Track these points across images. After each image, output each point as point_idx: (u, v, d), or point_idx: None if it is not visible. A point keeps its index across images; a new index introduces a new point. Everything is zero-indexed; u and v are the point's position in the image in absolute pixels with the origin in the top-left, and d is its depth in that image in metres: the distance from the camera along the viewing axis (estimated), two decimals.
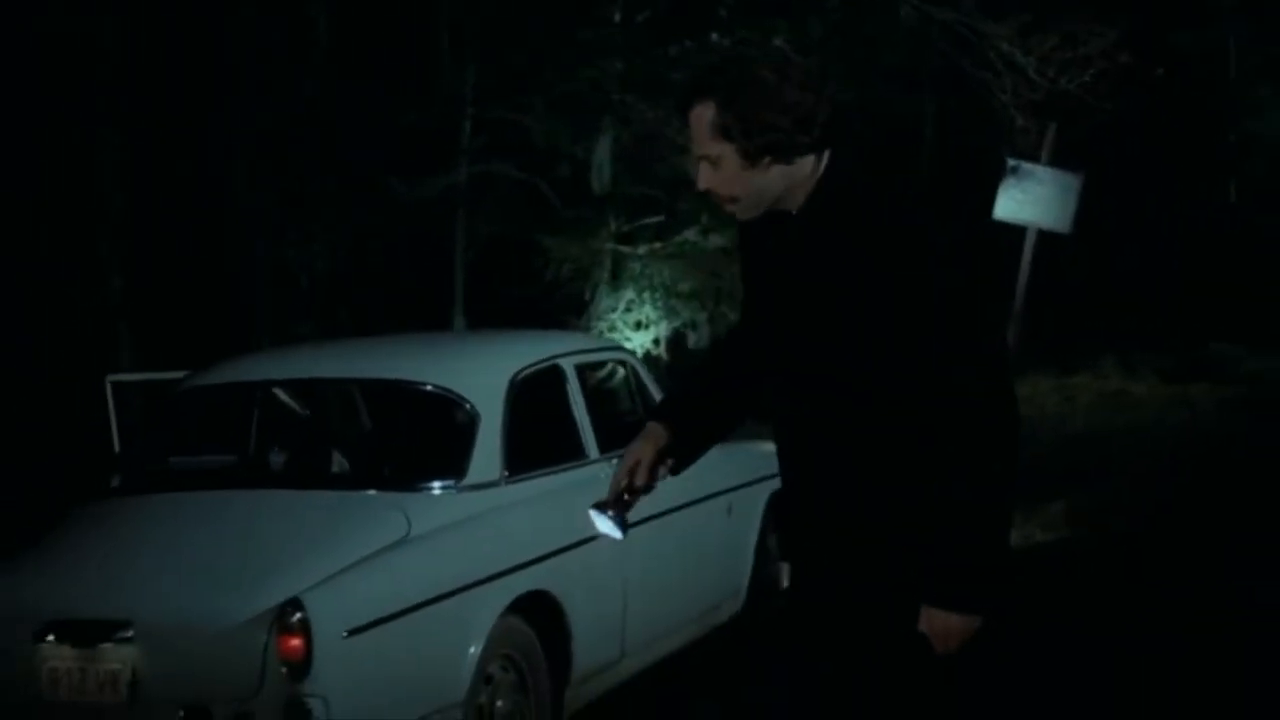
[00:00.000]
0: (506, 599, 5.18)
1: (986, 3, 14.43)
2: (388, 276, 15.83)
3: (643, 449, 3.24)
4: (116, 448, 6.94)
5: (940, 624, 2.95)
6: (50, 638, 4.72)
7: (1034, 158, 14.01)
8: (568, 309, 13.13)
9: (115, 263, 14.01)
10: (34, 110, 13.86)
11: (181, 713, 4.57)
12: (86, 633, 4.69)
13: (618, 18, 13.66)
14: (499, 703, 5.18)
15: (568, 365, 6.11)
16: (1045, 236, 14.08)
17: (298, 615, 4.48)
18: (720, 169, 3.01)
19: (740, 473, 6.92)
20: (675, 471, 3.29)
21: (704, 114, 2.98)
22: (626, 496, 3.24)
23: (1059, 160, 14.09)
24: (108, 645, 4.66)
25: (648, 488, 3.26)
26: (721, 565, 6.86)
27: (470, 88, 14.39)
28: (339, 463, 5.84)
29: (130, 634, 4.65)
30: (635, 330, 11.95)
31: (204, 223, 14.81)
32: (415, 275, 15.89)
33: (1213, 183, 20.80)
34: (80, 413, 12.85)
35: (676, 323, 12.05)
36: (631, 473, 3.22)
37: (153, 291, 14.29)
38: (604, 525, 3.28)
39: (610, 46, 13.38)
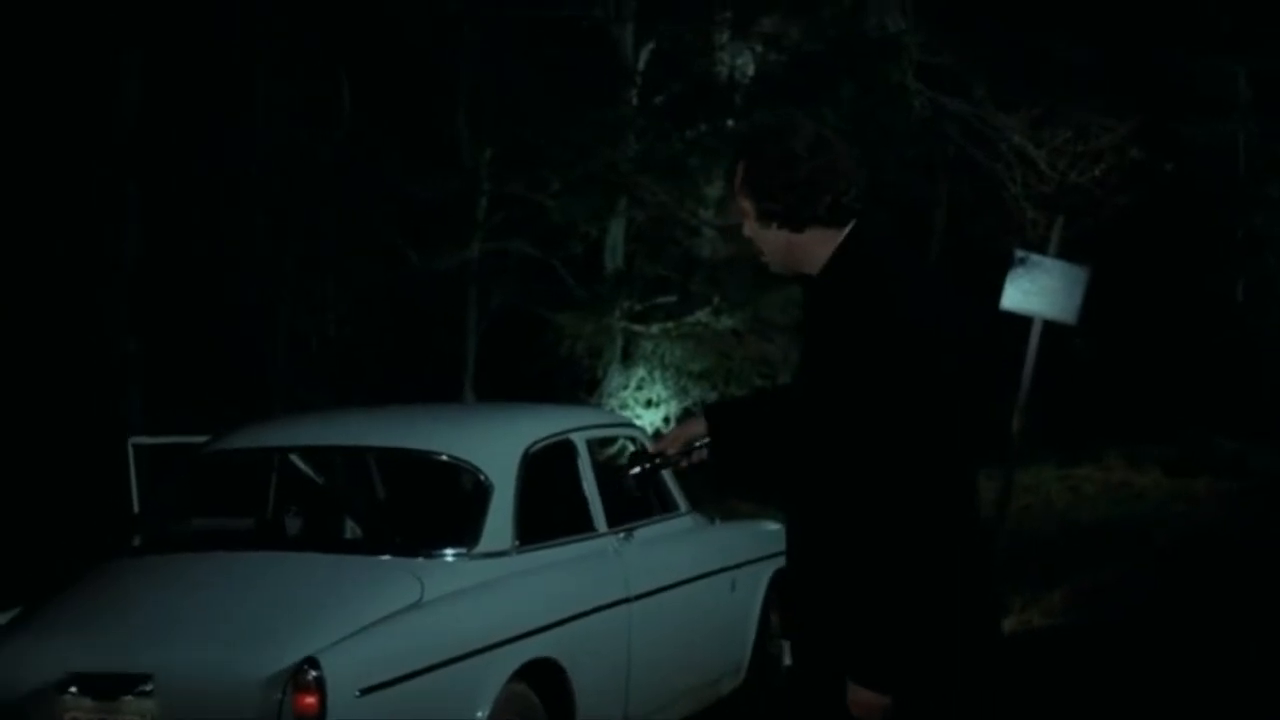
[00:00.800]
0: (514, 665, 5.31)
1: (999, 95, 14.67)
2: (400, 347, 16.01)
3: (691, 429, 3.57)
4: (136, 508, 7.10)
5: (854, 696, 3.12)
6: (72, 689, 4.86)
7: (1042, 249, 14.20)
8: (578, 385, 13.29)
9: (130, 325, 14.21)
10: (54, 169, 14.06)
11: None
12: (108, 686, 4.83)
13: (635, 100, 13.90)
14: None
15: (579, 439, 6.27)
16: (1052, 327, 14.25)
17: (313, 673, 4.62)
18: (747, 223, 3.27)
19: (744, 550, 7.07)
20: (708, 459, 3.57)
21: (738, 170, 3.24)
22: (646, 465, 3.62)
23: (1067, 252, 14.28)
24: (128, 698, 4.81)
25: (676, 460, 3.55)
26: (723, 640, 6.98)
27: (487, 164, 14.63)
28: (352, 529, 5.99)
29: (150, 688, 4.80)
30: (646, 408, 12.13)
31: (220, 288, 15.00)
32: (427, 347, 16.07)
33: (1221, 277, 20.95)
34: (93, 473, 13.03)
35: (687, 402, 12.23)
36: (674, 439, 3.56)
37: (166, 354, 14.47)
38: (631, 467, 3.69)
39: (626, 128, 13.61)
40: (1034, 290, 13.99)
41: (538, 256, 14.59)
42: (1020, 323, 14.07)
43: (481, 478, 5.62)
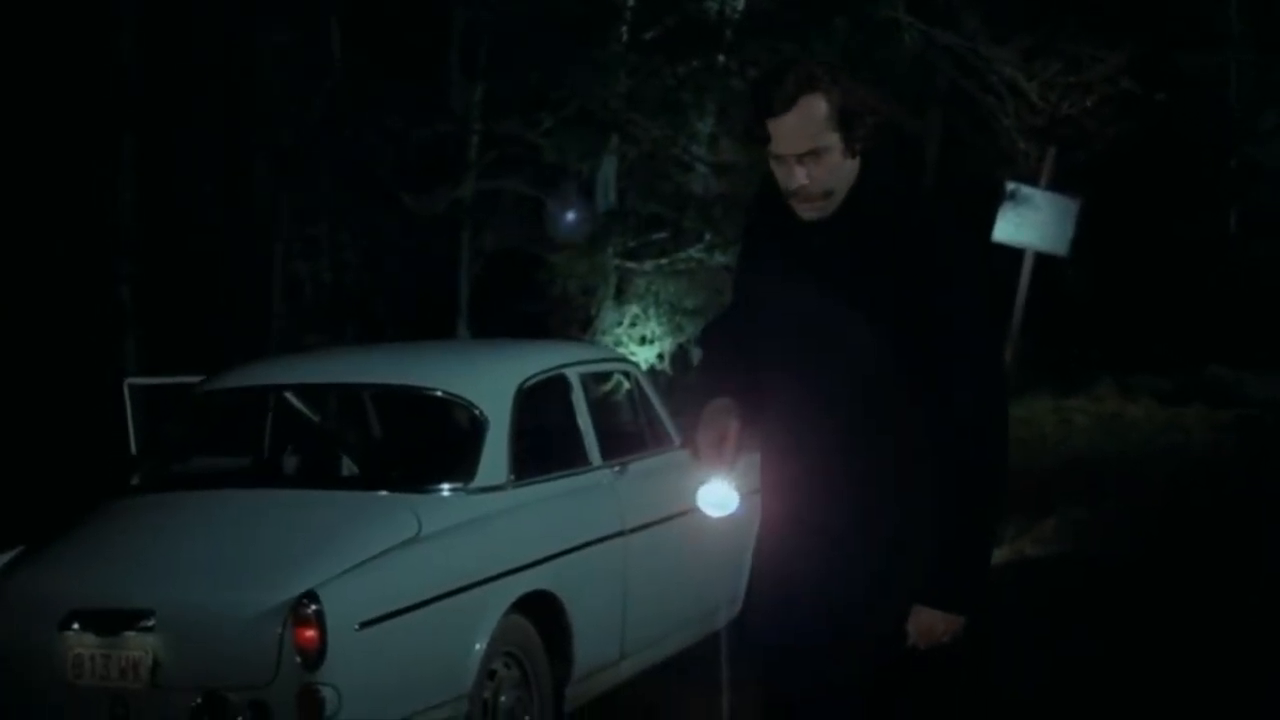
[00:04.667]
0: (511, 598, 5.38)
1: (991, 27, 14.60)
2: (393, 289, 16.02)
3: (727, 422, 3.28)
4: (133, 448, 7.15)
5: (927, 621, 3.16)
6: (75, 626, 4.93)
7: (1034, 181, 14.23)
8: (572, 323, 13.31)
9: (124, 273, 14.21)
10: (50, 120, 14.04)
11: (199, 699, 4.77)
12: (110, 621, 4.90)
13: (625, 36, 13.85)
14: (502, 698, 5.37)
15: (573, 375, 6.31)
16: (1044, 259, 14.29)
17: (313, 607, 4.69)
18: (822, 162, 3.14)
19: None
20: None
21: (815, 106, 3.10)
22: (730, 467, 3.28)
23: (1059, 184, 14.31)
24: (130, 634, 4.87)
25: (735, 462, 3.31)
26: (718, 572, 7.03)
27: (478, 104, 14.59)
28: (348, 466, 6.05)
29: (152, 623, 4.86)
30: (640, 345, 12.17)
31: (214, 232, 15.00)
32: (420, 288, 16.08)
33: (1214, 208, 20.97)
34: (91, 416, 13.09)
35: (680, 338, 12.27)
36: (722, 443, 3.27)
37: (161, 300, 14.48)
38: (716, 505, 3.32)
39: (617, 65, 13.56)
40: (1025, 223, 14.07)
41: (531, 195, 14.56)
42: (1012, 254, 14.14)
43: (476, 413, 5.66)
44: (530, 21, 13.62)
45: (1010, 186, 13.71)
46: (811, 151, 3.13)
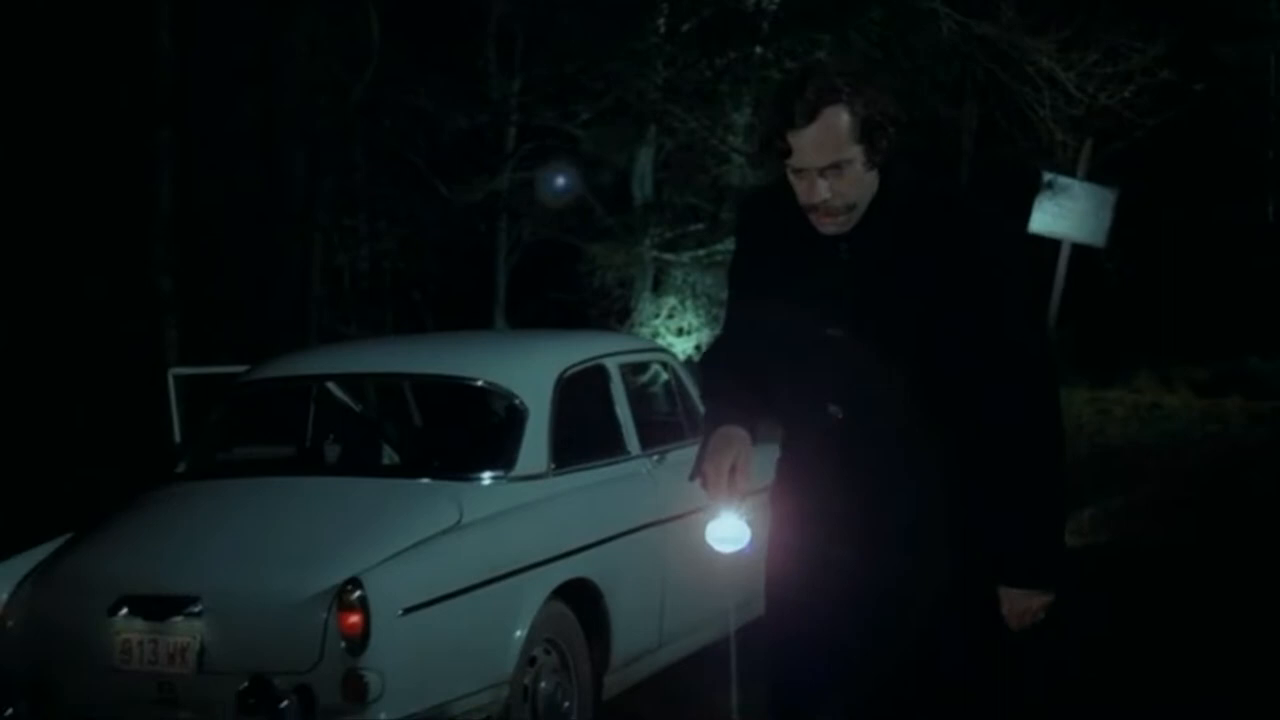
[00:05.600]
0: (551, 585, 5.43)
1: (1028, 18, 14.58)
2: (431, 278, 16.10)
3: (736, 451, 3.16)
4: (178, 436, 7.25)
5: (1021, 603, 3.16)
6: (124, 611, 5.01)
7: (1071, 172, 14.22)
8: (609, 314, 13.37)
9: (164, 260, 14.31)
10: (88, 109, 14.16)
11: (245, 683, 4.83)
12: (158, 607, 4.98)
13: (662, 28, 13.89)
14: (542, 684, 5.43)
15: (612, 365, 6.36)
16: (1081, 250, 14.29)
17: (357, 593, 4.76)
18: (845, 174, 3.06)
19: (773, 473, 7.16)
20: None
21: (838, 118, 3.02)
22: (741, 500, 3.16)
23: (1096, 175, 14.29)
24: (178, 619, 4.95)
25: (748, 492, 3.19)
26: (756, 560, 7.08)
27: (516, 95, 14.65)
28: (389, 454, 6.12)
29: (199, 609, 4.94)
30: (677, 336, 12.21)
31: (252, 220, 15.09)
32: (458, 278, 16.16)
33: (1252, 198, 20.90)
34: (130, 403, 13.23)
35: (717, 329, 12.32)
36: (731, 477, 3.15)
37: (200, 289, 14.59)
38: (728, 541, 3.20)
39: (655, 56, 13.60)
40: (1062, 213, 14.09)
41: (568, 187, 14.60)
42: (1049, 245, 14.13)
43: (517, 402, 5.72)
44: (567, 12, 13.68)
45: (1047, 177, 13.73)
46: (834, 165, 3.05)
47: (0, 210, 13.58)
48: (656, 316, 12.27)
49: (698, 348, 12.01)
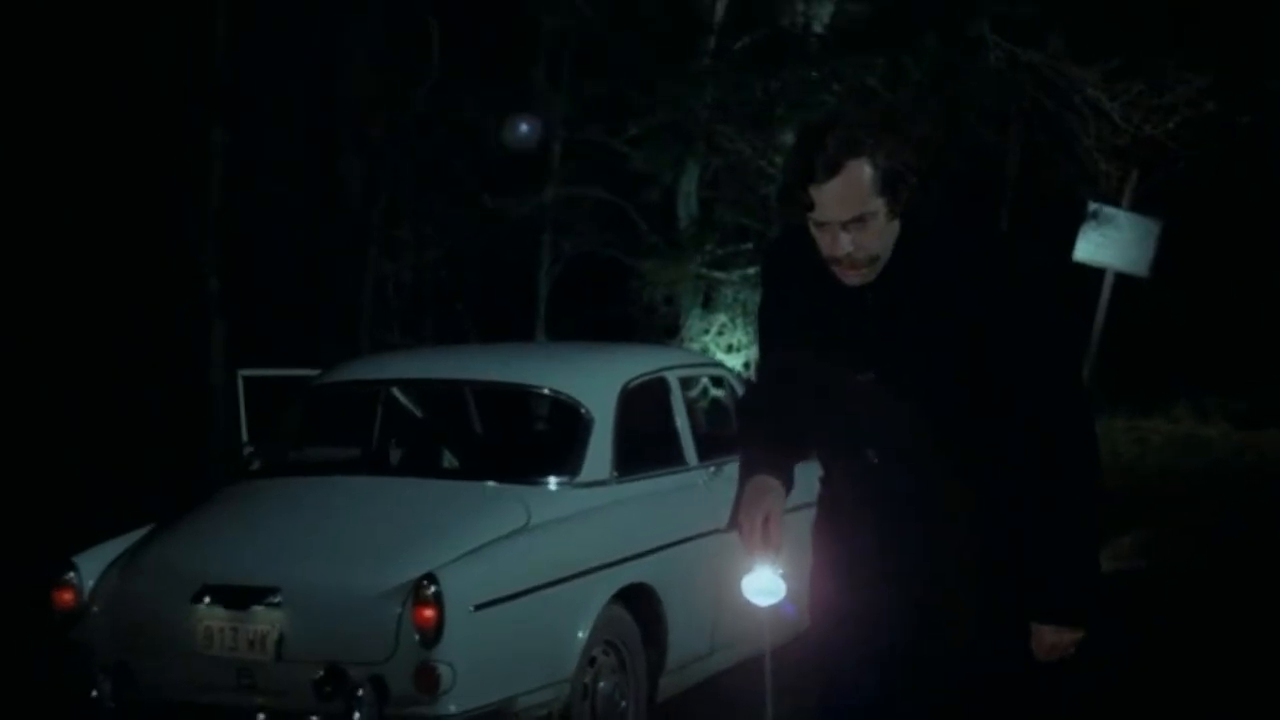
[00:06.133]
0: (612, 589, 5.63)
1: (1074, 46, 14.70)
2: (474, 290, 16.28)
3: (770, 504, 3.21)
4: (245, 435, 7.48)
5: (1051, 639, 3.16)
6: (206, 600, 5.22)
7: (1115, 201, 14.34)
8: (654, 330, 13.53)
9: (212, 263, 14.53)
10: (140, 109, 14.35)
11: (321, 672, 5.03)
12: (239, 597, 5.18)
13: (713, 46, 14.05)
14: (601, 684, 5.62)
15: (672, 377, 6.56)
16: (1123, 279, 14.40)
17: (432, 589, 4.96)
18: (868, 227, 3.04)
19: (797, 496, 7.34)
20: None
21: (860, 172, 3.00)
22: (775, 554, 3.21)
23: (1140, 205, 14.41)
24: (258, 608, 5.15)
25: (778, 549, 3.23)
26: (795, 568, 7.25)
27: (562, 111, 14.83)
28: (459, 458, 6.32)
29: (279, 599, 5.14)
30: (727, 352, 12.37)
31: (303, 227, 15.30)
32: (499, 291, 16.34)
33: None
34: (178, 404, 13.48)
35: (758, 347, 12.45)
36: (765, 530, 3.22)
37: (248, 294, 14.79)
38: (764, 593, 3.27)
39: (706, 77, 13.76)
40: (1106, 243, 14.19)
41: (613, 202, 14.79)
42: (1093, 274, 14.26)
43: (583, 411, 5.92)
44: (617, 30, 13.85)
45: (1092, 206, 13.84)
46: (857, 219, 3.02)
47: (47, 205, 13.80)
48: (706, 333, 12.45)
49: (746, 365, 12.18)
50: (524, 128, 14.22)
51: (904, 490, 3.18)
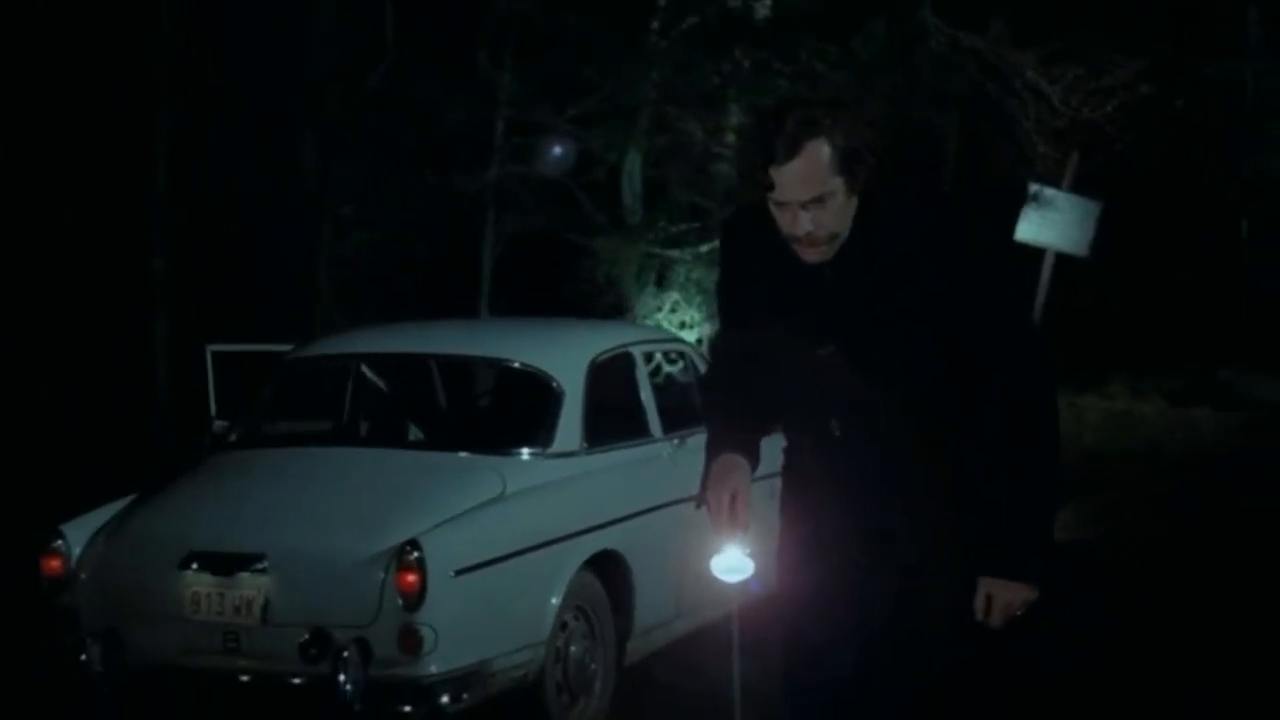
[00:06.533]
0: (583, 556, 5.83)
1: (1015, 30, 14.94)
2: (420, 267, 16.36)
3: (736, 482, 3.26)
4: (213, 409, 7.62)
5: (1003, 594, 3.16)
6: (194, 566, 5.38)
7: (1056, 183, 14.62)
8: (603, 307, 13.67)
9: (158, 243, 14.54)
10: (86, 87, 14.32)
11: (307, 635, 5.21)
12: (226, 563, 5.35)
13: (658, 26, 14.19)
14: (572, 647, 5.82)
15: (637, 352, 6.78)
16: (1063, 260, 14.70)
17: (415, 554, 5.14)
18: (827, 206, 3.09)
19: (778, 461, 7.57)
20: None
21: (819, 152, 3.06)
22: (743, 532, 3.24)
23: (1080, 186, 14.70)
24: (244, 574, 5.32)
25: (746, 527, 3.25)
26: (762, 544, 7.47)
27: (506, 90, 14.92)
28: (434, 430, 6.50)
29: (264, 565, 5.31)
30: (680, 330, 12.58)
31: (258, 206, 15.31)
32: (442, 269, 16.42)
33: (1227, 214, 21.34)
34: (125, 384, 13.54)
35: (718, 324, 12.64)
36: (732, 508, 3.26)
37: (197, 275, 14.82)
38: (733, 571, 3.28)
39: (651, 57, 13.89)
40: (1046, 223, 14.45)
41: (558, 181, 14.90)
42: (1033, 255, 14.55)
43: (554, 384, 6.12)
44: (565, 10, 13.96)
45: (1033, 188, 14.12)
46: (816, 199, 3.07)
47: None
48: (659, 310, 12.66)
49: (699, 341, 12.39)
50: (557, 151, 14.30)
51: (868, 463, 3.21)
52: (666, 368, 9.56)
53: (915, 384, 3.16)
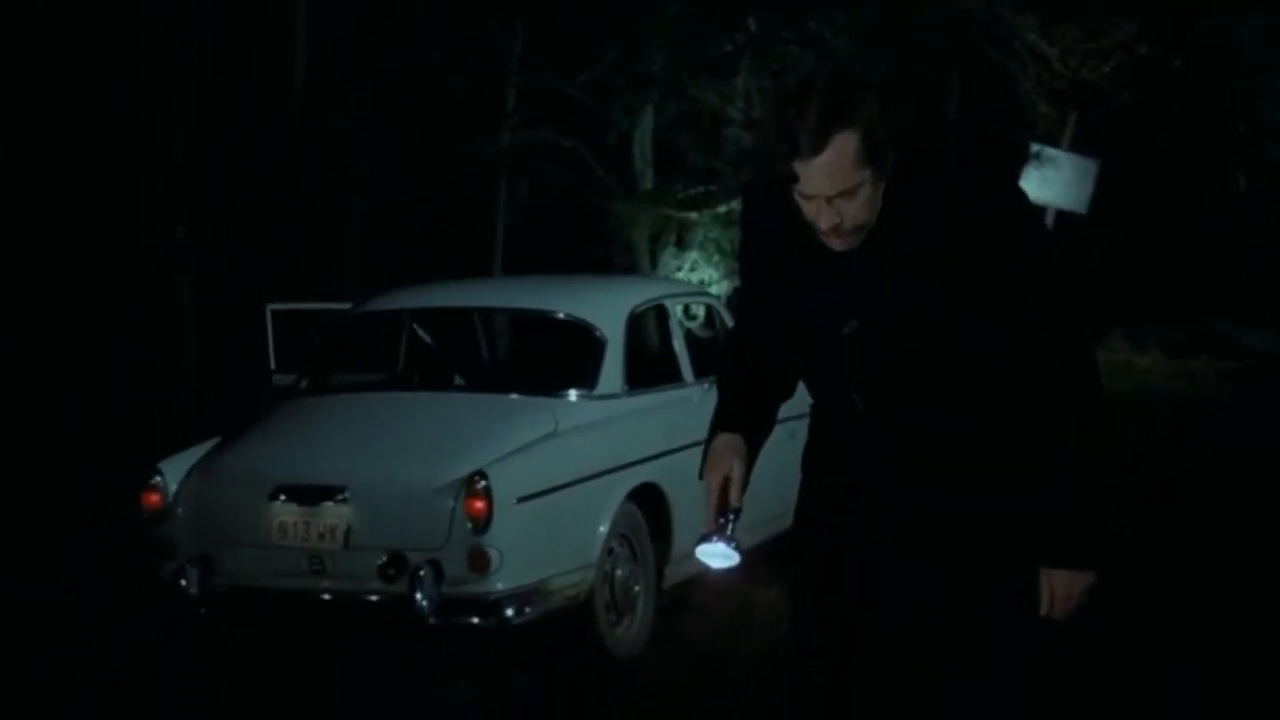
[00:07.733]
0: (628, 487, 6.42)
1: None
2: (429, 234, 16.75)
3: (731, 464, 3.18)
4: (273, 363, 8.19)
5: (1065, 586, 3.00)
6: (281, 497, 5.97)
7: (1055, 143, 15.17)
8: (621, 267, 14.14)
9: (180, 213, 14.95)
10: (105, 54, 14.67)
11: (384, 557, 5.80)
12: (311, 494, 5.94)
13: None
14: (618, 571, 6.41)
15: (670, 304, 7.38)
16: (1063, 216, 15.25)
17: (483, 483, 5.74)
18: (857, 197, 2.88)
19: (799, 405, 8.15)
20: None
21: (847, 144, 2.82)
22: (731, 518, 3.17)
23: (1079, 145, 15.25)
24: (328, 504, 5.91)
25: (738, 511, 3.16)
26: (780, 483, 8.00)
27: (516, 56, 15.34)
28: (489, 374, 7.11)
29: (346, 495, 5.90)
30: None
31: (275, 174, 15.66)
32: (456, 236, 16.83)
33: (1224, 168, 21.77)
34: (151, 347, 14.01)
35: (735, 282, 13.20)
36: (724, 490, 3.19)
37: (219, 239, 15.22)
38: (718, 558, 3.19)
39: (662, 26, 14.29)
40: (1047, 182, 15.00)
41: (569, 146, 15.31)
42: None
43: (597, 333, 6.71)
44: None
45: (1034, 148, 14.66)
46: (844, 192, 2.86)
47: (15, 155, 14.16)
48: (680, 270, 13.19)
49: (717, 298, 12.93)
50: None
51: (894, 435, 3.05)
52: (687, 323, 10.11)
53: (940, 358, 2.99)
